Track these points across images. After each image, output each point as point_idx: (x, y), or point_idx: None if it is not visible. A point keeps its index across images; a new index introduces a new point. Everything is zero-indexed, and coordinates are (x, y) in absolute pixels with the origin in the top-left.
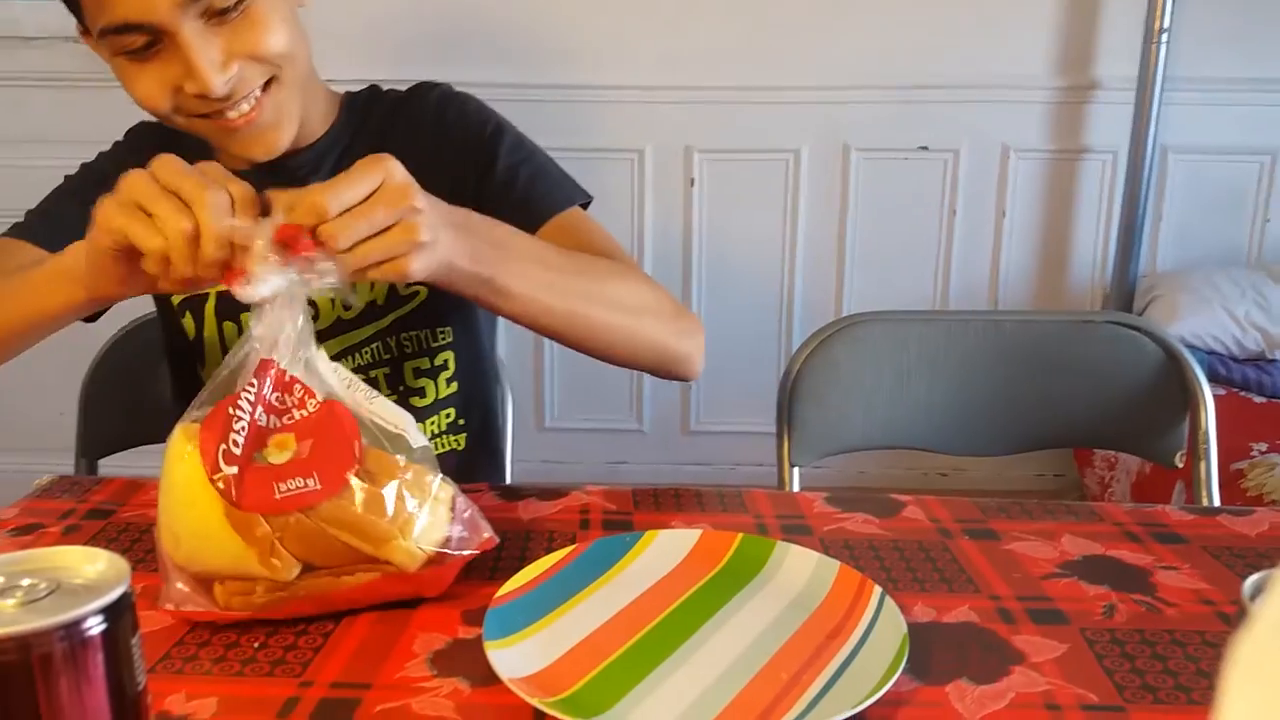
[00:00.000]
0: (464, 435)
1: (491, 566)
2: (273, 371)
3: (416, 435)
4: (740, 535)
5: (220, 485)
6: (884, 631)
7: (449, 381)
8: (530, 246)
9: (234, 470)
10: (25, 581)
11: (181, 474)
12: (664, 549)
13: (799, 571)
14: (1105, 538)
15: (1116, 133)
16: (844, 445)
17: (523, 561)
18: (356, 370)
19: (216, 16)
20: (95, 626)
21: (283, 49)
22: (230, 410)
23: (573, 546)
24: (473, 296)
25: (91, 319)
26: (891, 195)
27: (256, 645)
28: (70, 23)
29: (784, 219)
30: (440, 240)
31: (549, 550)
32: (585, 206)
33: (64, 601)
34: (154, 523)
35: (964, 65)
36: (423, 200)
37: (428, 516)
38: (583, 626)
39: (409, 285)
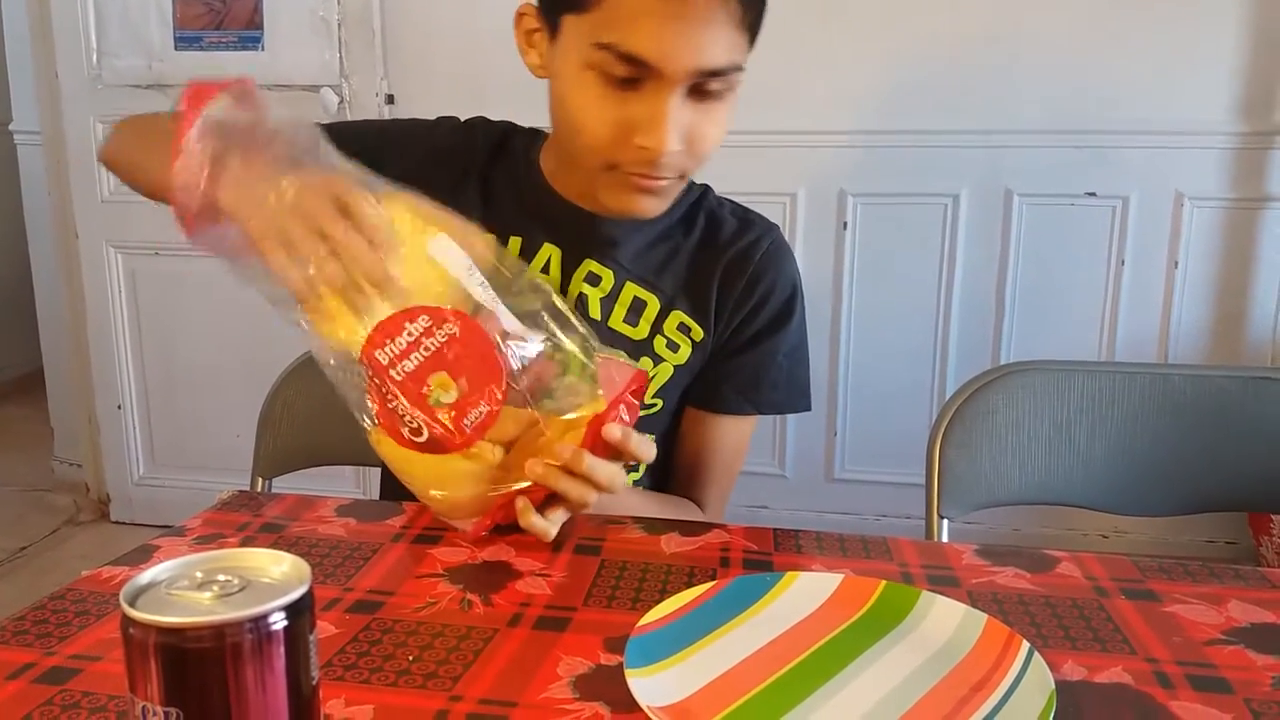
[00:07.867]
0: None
1: (633, 598)
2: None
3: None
4: (883, 583)
5: (420, 449)
6: (1030, 688)
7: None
8: (632, 503)
9: (424, 437)
10: (221, 578)
11: (388, 454)
12: (805, 591)
13: (944, 622)
14: (1277, 605)
15: None
16: (996, 499)
17: (663, 594)
18: None
19: (701, 96)
20: (279, 622)
21: (713, 151)
22: (382, 393)
23: (713, 583)
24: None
25: None
26: (1055, 243)
27: (411, 658)
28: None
29: (940, 264)
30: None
31: (689, 585)
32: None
33: (253, 597)
34: (322, 538)
35: (1136, 109)
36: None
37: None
38: (721, 662)
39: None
